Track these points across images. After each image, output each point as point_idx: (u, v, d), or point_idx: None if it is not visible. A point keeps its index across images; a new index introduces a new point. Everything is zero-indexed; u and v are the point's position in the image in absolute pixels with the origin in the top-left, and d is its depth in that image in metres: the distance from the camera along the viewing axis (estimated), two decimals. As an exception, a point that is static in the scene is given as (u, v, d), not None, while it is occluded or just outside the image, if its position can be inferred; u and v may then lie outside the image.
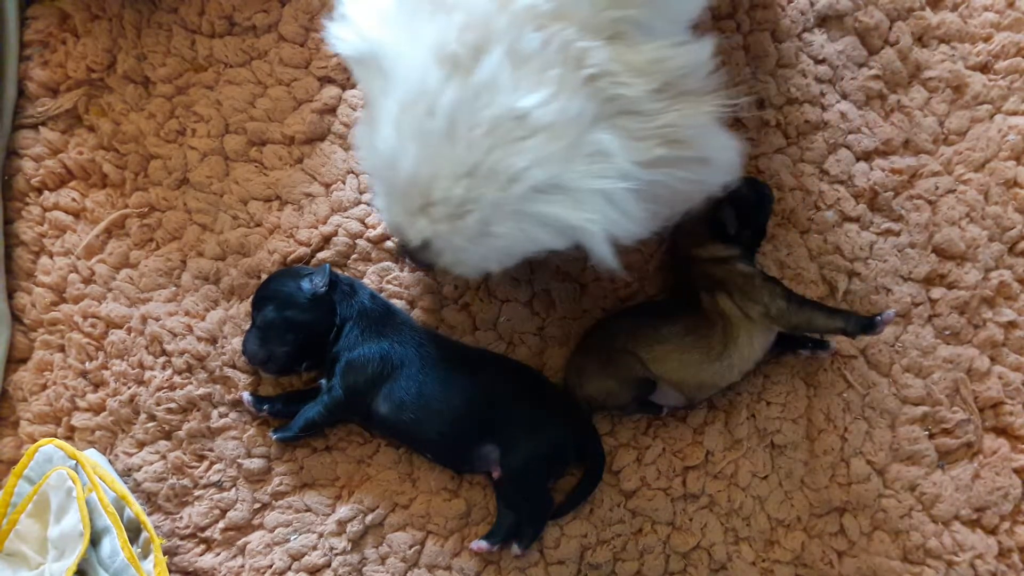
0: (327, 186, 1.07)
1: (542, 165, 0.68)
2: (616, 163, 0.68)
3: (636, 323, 1.00)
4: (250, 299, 1.03)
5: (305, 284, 0.98)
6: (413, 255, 0.80)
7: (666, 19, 0.72)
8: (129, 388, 1.03)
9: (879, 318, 0.93)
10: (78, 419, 1.03)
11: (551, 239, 0.73)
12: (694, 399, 0.99)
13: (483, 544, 0.98)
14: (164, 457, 1.03)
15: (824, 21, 1.07)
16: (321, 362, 1.00)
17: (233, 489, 1.03)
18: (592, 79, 0.67)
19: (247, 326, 1.03)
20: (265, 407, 1.01)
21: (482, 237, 0.72)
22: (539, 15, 0.66)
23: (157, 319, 1.04)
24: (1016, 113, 1.05)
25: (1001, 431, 1.02)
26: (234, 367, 1.03)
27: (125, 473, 1.02)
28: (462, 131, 0.67)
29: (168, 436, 1.03)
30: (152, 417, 1.03)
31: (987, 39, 1.06)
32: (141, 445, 1.03)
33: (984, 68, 1.06)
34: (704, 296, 0.97)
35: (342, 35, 0.73)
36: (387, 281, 1.05)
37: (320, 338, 0.98)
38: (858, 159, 1.05)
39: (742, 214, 0.97)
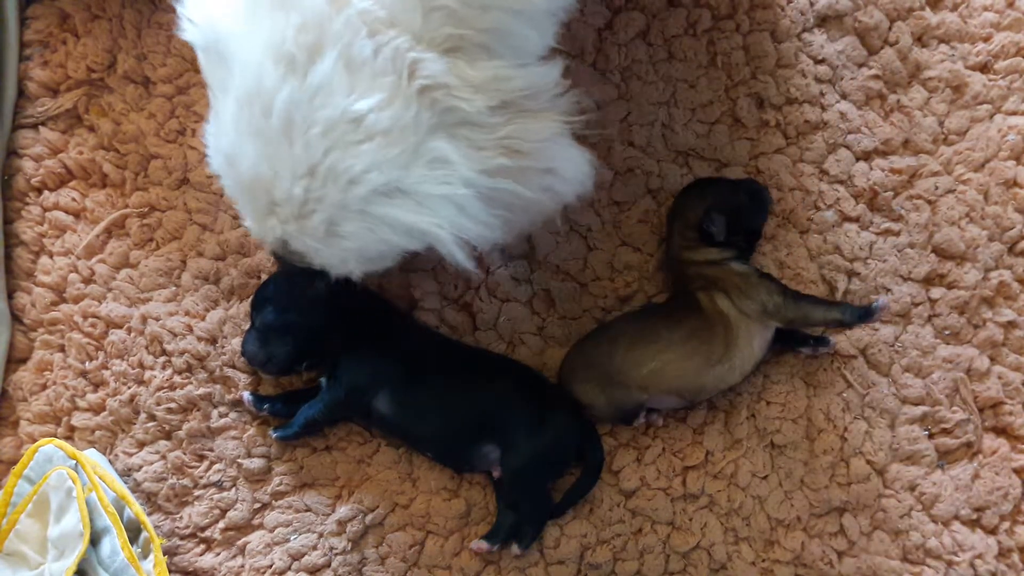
0: (327, 186, 1.07)
1: (380, 169, 0.69)
2: (457, 170, 0.70)
3: (637, 333, 0.99)
4: (250, 299, 1.04)
5: (304, 285, 0.98)
6: (280, 255, 0.81)
7: (507, 46, 0.72)
8: (129, 388, 1.04)
9: (875, 305, 0.97)
10: (78, 419, 1.03)
11: (402, 240, 0.74)
12: (694, 400, 1.00)
13: (483, 544, 0.98)
14: (164, 457, 1.03)
15: (824, 21, 1.07)
16: (321, 362, 1.00)
17: (233, 489, 1.03)
18: (426, 90, 0.68)
19: (247, 326, 1.03)
20: (265, 406, 1.01)
21: (331, 237, 0.73)
22: (372, 20, 0.66)
23: (157, 319, 1.04)
24: (1016, 113, 1.05)
25: (1001, 431, 1.02)
26: (234, 367, 1.04)
27: (125, 473, 1.02)
28: (298, 131, 0.68)
29: (168, 436, 1.03)
30: (152, 417, 1.03)
31: (987, 39, 1.06)
32: (141, 445, 1.03)
33: (984, 68, 1.06)
34: (702, 296, 0.97)
35: (191, 18, 0.73)
36: (387, 281, 1.05)
37: (319, 339, 0.98)
38: (858, 159, 1.05)
39: (733, 220, 0.97)
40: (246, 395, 1.01)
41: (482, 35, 0.69)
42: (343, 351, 0.98)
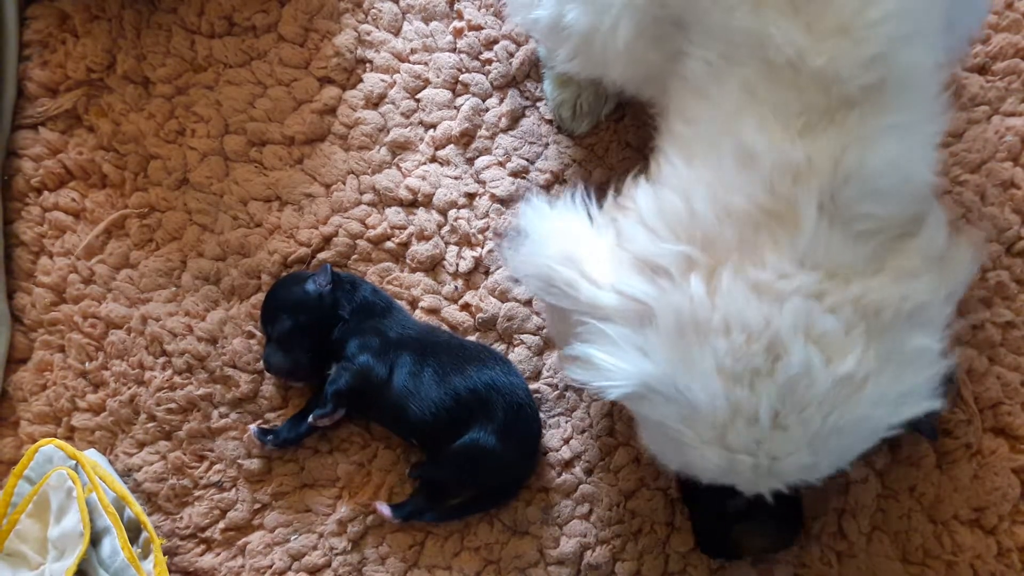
0: (327, 187, 1.07)
1: (880, 402, 0.69)
2: (934, 349, 0.71)
3: None
4: (250, 299, 1.04)
5: (310, 286, 0.98)
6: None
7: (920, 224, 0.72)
8: (129, 388, 1.04)
9: None
10: (78, 419, 1.03)
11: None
12: None
13: (386, 510, 0.99)
14: (164, 457, 1.03)
15: (823, 22, 1.07)
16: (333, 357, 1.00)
17: (233, 489, 1.03)
18: (896, 314, 0.68)
19: (247, 326, 1.03)
20: (269, 438, 1.01)
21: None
22: (815, 292, 0.66)
23: (157, 319, 1.04)
24: (1013, 114, 1.06)
25: (1000, 431, 1.02)
26: (234, 367, 1.04)
27: (125, 473, 1.02)
28: (792, 419, 0.67)
29: (168, 436, 1.03)
30: (152, 417, 1.03)
31: (985, 40, 1.06)
32: (141, 445, 1.03)
33: (982, 69, 1.07)
34: None
35: (610, 381, 0.70)
36: (387, 281, 1.05)
37: (331, 334, 0.99)
38: (857, 160, 1.06)
39: None
40: (253, 428, 1.02)
41: (902, 225, 0.70)
42: (351, 336, 0.99)
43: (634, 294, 0.69)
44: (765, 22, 0.65)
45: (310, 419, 0.98)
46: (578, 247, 0.74)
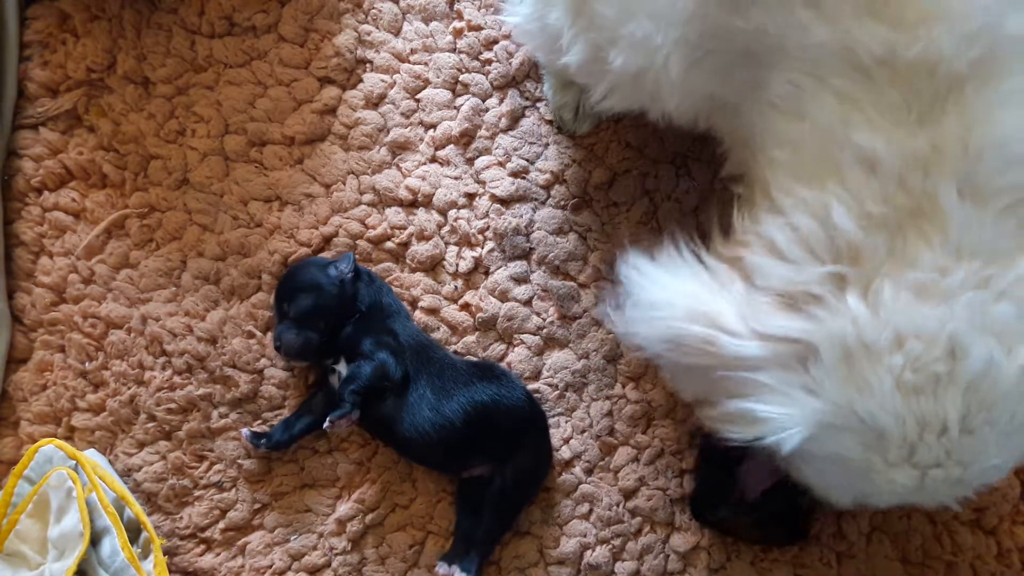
0: (327, 187, 1.07)
1: None
2: None
3: None
4: (250, 299, 1.04)
5: (332, 271, 0.98)
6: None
7: None
8: (129, 388, 1.03)
9: None
10: (78, 419, 1.03)
11: None
12: None
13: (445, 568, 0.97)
14: (164, 457, 1.03)
15: (823, 22, 1.07)
16: (339, 349, 1.00)
17: (233, 489, 1.03)
18: None
19: (247, 326, 1.03)
20: (262, 442, 1.00)
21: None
22: (981, 280, 0.63)
23: (157, 319, 1.04)
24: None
25: (1000, 431, 1.02)
26: (234, 367, 1.04)
27: (125, 473, 1.02)
28: (980, 421, 0.64)
29: (168, 436, 1.03)
30: (152, 417, 1.03)
31: (986, 41, 1.06)
32: (141, 445, 1.03)
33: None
34: None
35: (782, 431, 0.66)
36: (388, 282, 1.05)
37: (344, 322, 0.99)
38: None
39: None
40: (245, 432, 1.01)
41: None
42: (365, 333, 0.99)
43: (787, 334, 0.66)
44: (846, 30, 0.63)
45: (325, 424, 0.94)
46: (704, 300, 0.70)
